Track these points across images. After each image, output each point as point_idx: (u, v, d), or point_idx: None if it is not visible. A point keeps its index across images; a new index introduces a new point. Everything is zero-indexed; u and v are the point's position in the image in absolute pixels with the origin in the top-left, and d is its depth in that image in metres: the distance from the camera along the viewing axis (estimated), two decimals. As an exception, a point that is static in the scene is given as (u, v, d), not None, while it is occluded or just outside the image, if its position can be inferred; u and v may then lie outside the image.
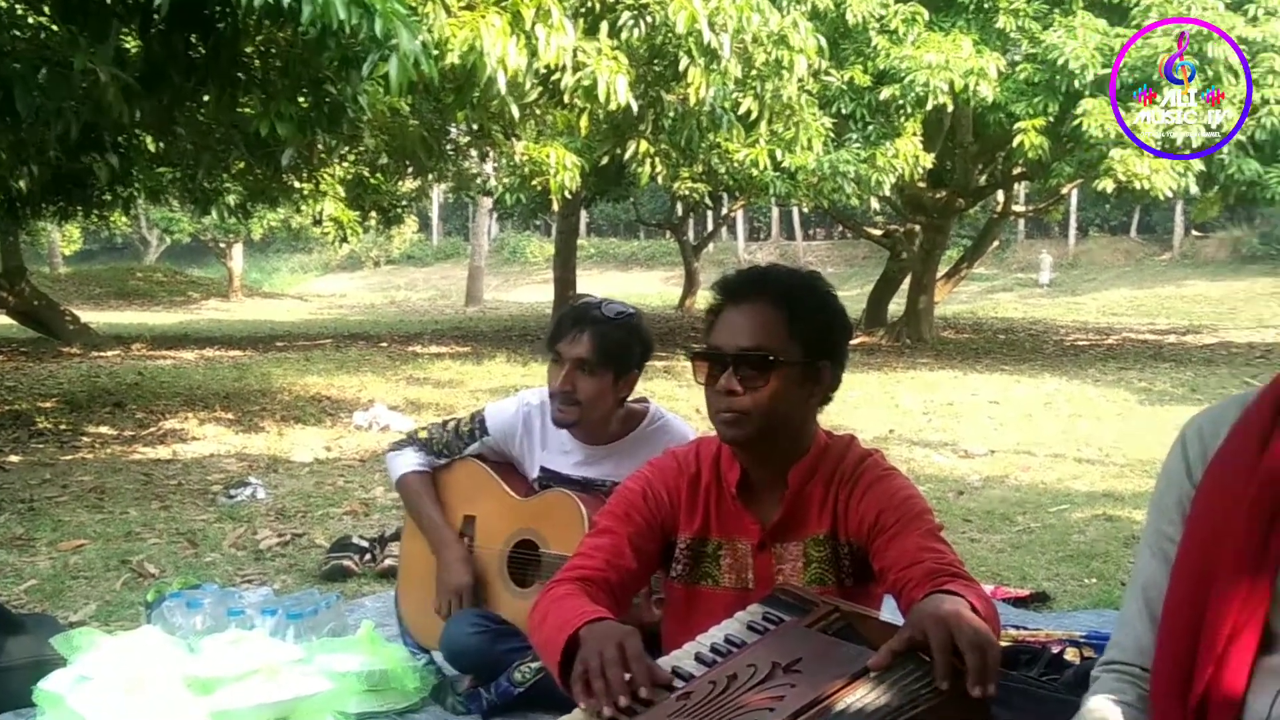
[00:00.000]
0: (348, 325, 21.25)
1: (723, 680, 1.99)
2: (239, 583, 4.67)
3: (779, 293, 2.38)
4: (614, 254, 39.51)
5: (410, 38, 5.83)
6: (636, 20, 8.73)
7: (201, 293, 31.01)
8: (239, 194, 14.73)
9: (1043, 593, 4.71)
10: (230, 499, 6.37)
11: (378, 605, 4.32)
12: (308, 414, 9.70)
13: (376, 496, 6.42)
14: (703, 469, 2.48)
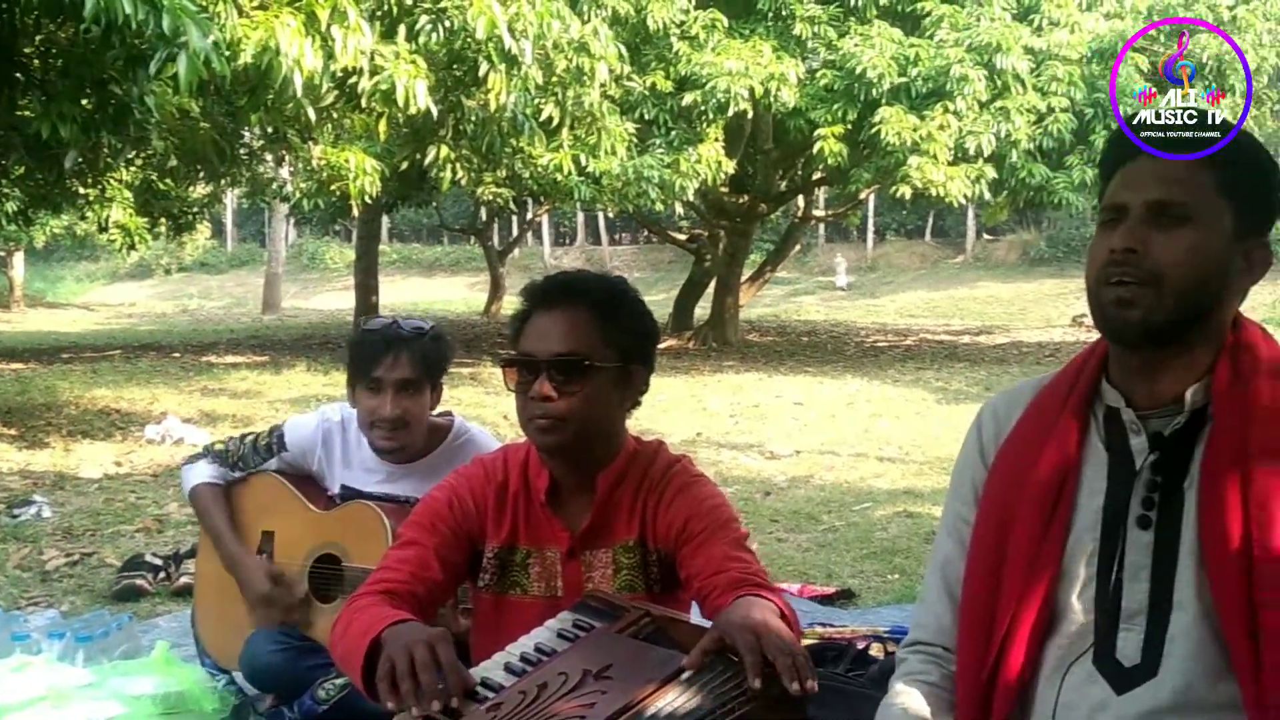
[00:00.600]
0: (138, 335, 20.64)
1: (533, 689, 1.98)
2: (24, 606, 4.53)
3: (591, 298, 2.37)
4: (417, 260, 39.23)
5: (200, 35, 5.70)
6: (435, 24, 8.68)
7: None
8: (19, 200, 14.19)
9: (848, 590, 4.83)
10: (13, 518, 6.15)
11: (173, 625, 4.22)
12: (96, 428, 9.40)
13: (171, 512, 6.25)
14: (511, 477, 2.46)
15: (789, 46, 14.53)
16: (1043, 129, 14.54)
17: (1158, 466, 1.67)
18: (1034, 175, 14.64)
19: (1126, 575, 1.66)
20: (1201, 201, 1.63)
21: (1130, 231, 1.64)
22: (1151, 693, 1.62)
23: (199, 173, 14.98)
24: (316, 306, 30.40)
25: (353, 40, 7.37)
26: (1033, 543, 1.70)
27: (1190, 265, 1.61)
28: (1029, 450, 1.75)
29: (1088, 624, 1.68)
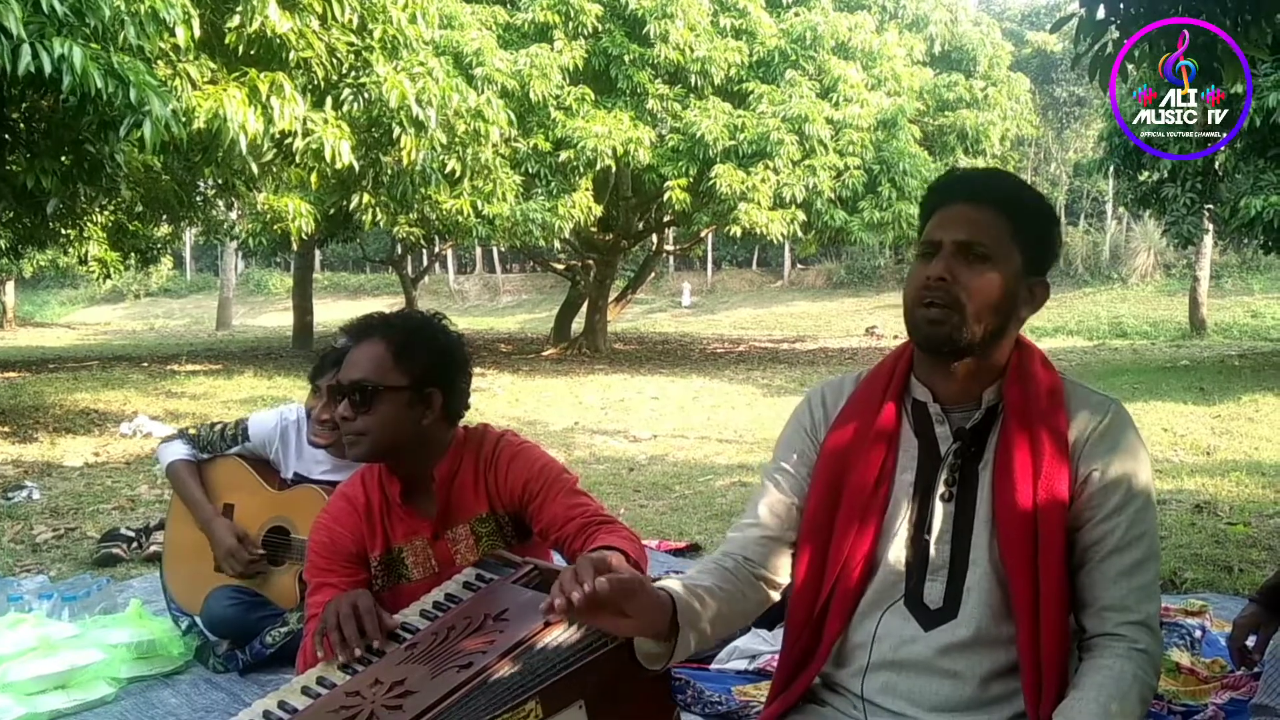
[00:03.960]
0: (112, 349, 19.99)
1: (443, 630, 1.97)
2: (18, 572, 4.36)
3: (386, 333, 2.32)
4: (345, 285, 38.56)
5: (162, 105, 5.58)
6: (356, 96, 8.59)
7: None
8: (9, 238, 13.70)
9: (696, 544, 4.87)
10: (8, 500, 5.92)
11: (144, 585, 4.10)
12: (77, 425, 9.09)
13: (141, 494, 6.07)
14: (371, 495, 2.40)
15: (643, 116, 14.63)
16: (841, 182, 14.86)
17: (958, 452, 1.71)
18: (835, 218, 14.95)
19: (932, 537, 1.70)
20: (998, 244, 1.66)
21: (943, 264, 1.66)
22: (952, 630, 1.67)
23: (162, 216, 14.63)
24: (261, 324, 29.74)
25: (288, 109, 7.25)
26: (860, 507, 1.74)
27: (988, 295, 1.65)
28: (857, 431, 1.78)
29: (901, 574, 1.71)
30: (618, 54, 14.76)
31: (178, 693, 3.08)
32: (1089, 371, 13.22)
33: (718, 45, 14.81)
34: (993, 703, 1.66)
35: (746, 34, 15.32)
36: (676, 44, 14.41)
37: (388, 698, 1.84)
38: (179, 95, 6.58)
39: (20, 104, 6.57)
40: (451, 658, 1.89)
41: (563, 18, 14.43)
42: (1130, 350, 17.29)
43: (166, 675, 3.18)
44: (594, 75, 14.79)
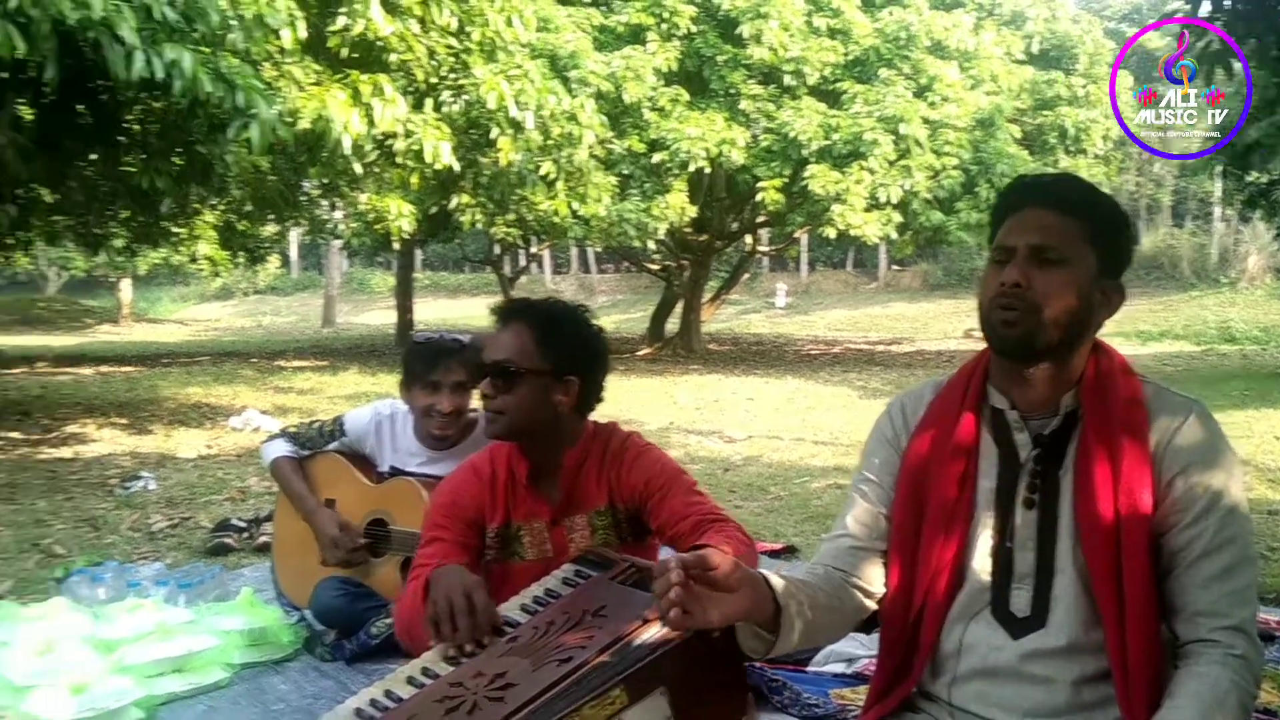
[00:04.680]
0: (222, 345, 20.52)
1: (543, 625, 2.00)
2: (136, 560, 4.49)
3: (533, 317, 2.39)
4: (444, 285, 39.00)
5: (268, 108, 5.71)
6: (456, 97, 8.72)
7: (96, 319, 29.54)
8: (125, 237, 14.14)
9: (792, 546, 4.84)
10: (126, 490, 6.12)
11: (255, 575, 4.20)
12: (190, 418, 9.35)
13: (251, 485, 6.22)
14: (498, 469, 2.46)
15: (737, 117, 14.57)
16: (937, 183, 14.62)
17: (1038, 458, 1.69)
18: (931, 219, 14.71)
19: (1016, 545, 1.69)
20: (1072, 248, 1.65)
21: (1017, 269, 1.65)
22: (1040, 638, 1.65)
23: (269, 215, 15.00)
24: (364, 322, 30.22)
25: (390, 110, 7.37)
26: (944, 517, 1.73)
27: (1063, 298, 1.64)
28: (937, 440, 1.77)
29: (986, 583, 1.70)
30: (711, 55, 14.73)
31: (287, 679, 3.16)
32: (1196, 377, 12.82)
33: (812, 45, 14.68)
34: (1087, 708, 1.64)
35: (841, 33, 15.15)
36: (770, 44, 14.32)
37: (489, 689, 1.87)
38: (284, 97, 6.74)
39: (136, 107, 6.77)
40: (551, 652, 1.91)
41: (656, 19, 14.45)
42: (1240, 356, 16.71)
43: (277, 662, 3.26)
44: (687, 77, 14.78)
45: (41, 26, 4.38)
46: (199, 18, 5.18)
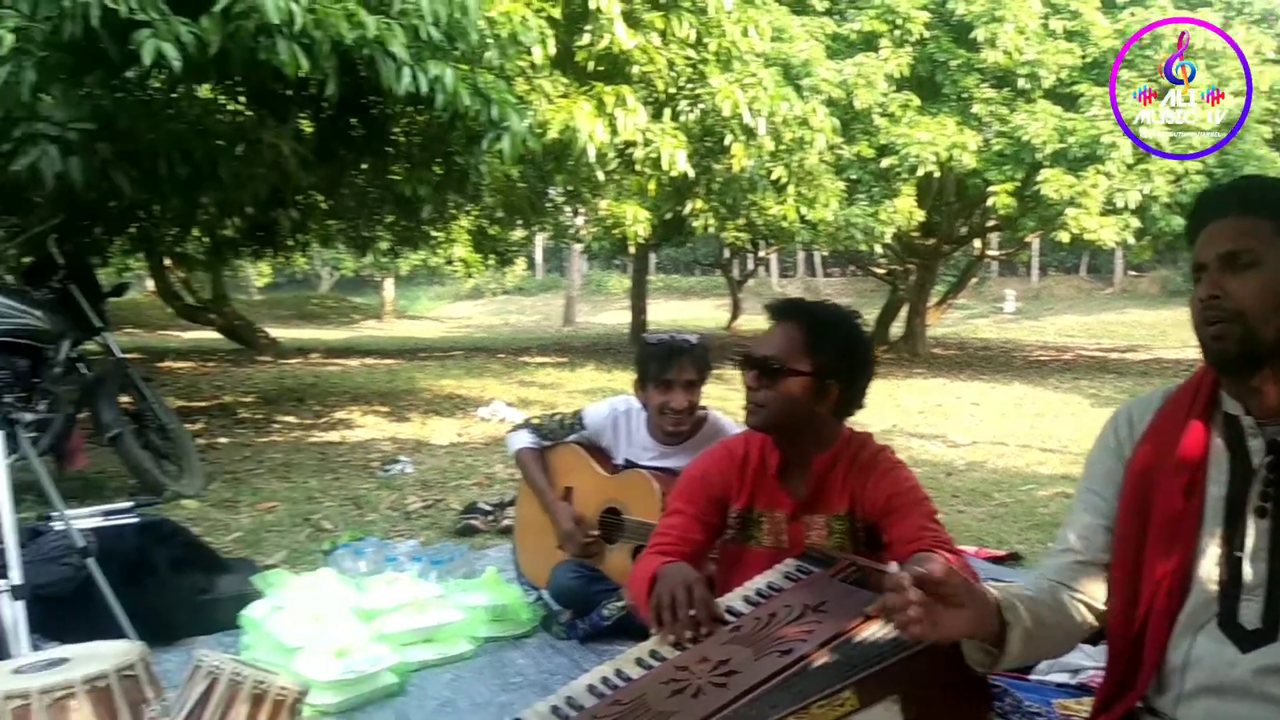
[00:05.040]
0: (473, 341, 21.36)
1: (765, 617, 2.01)
2: (393, 537, 4.71)
3: (804, 318, 2.38)
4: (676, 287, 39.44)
5: (519, 120, 5.88)
6: (692, 106, 8.79)
7: (362, 315, 31.27)
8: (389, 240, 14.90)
9: (1016, 553, 4.67)
10: (386, 472, 6.43)
11: (499, 555, 4.35)
12: (444, 408, 9.76)
13: (497, 472, 6.44)
14: (751, 454, 2.47)
15: (969, 121, 14.10)
16: (1179, 187, 13.72)
17: (1272, 465, 1.59)
18: (1172, 224, 13.82)
19: (1246, 555, 1.58)
20: (1265, 247, 1.55)
21: (1210, 282, 1.58)
22: (1273, 653, 1.54)
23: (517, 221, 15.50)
24: (601, 321, 30.87)
25: (631, 120, 7.48)
26: (1170, 525, 1.64)
27: (1263, 298, 1.54)
28: (1164, 449, 1.68)
29: (1214, 594, 1.60)
30: (944, 60, 14.30)
31: (526, 654, 3.26)
32: None
33: (1048, 48, 14.04)
34: None
35: (1079, 35, 14.44)
36: (1005, 48, 13.80)
37: (713, 675, 1.88)
38: (534, 110, 6.95)
39: (401, 121, 7.13)
40: (773, 643, 1.91)
41: (890, 26, 14.15)
42: None
43: (516, 638, 3.37)
44: (919, 82, 14.40)
45: (323, 47, 4.66)
46: (460, 37, 5.40)
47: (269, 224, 11.01)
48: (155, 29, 4.36)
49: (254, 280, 35.02)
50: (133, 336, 19.25)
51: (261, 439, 7.90)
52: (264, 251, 13.91)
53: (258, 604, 3.34)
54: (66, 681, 2.06)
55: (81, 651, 2.24)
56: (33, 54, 4.43)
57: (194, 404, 9.94)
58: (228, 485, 6.01)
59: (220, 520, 5.15)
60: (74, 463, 5.51)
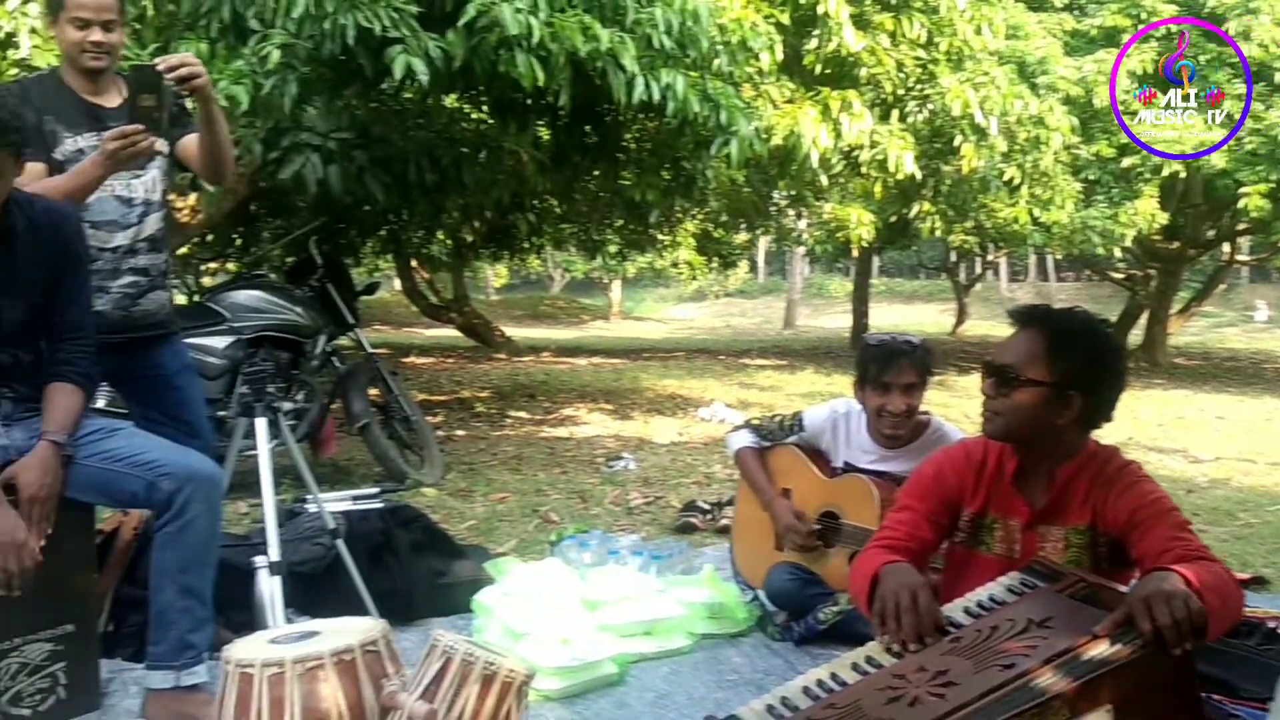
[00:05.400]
0: (694, 342, 21.52)
1: (986, 629, 1.96)
2: (616, 531, 4.78)
3: (1048, 326, 2.27)
4: (899, 291, 38.65)
5: (746, 125, 5.90)
6: (921, 107, 8.62)
7: (590, 315, 31.98)
8: (618, 243, 15.27)
9: (1261, 577, 4.34)
10: (610, 469, 6.54)
11: (716, 554, 4.35)
12: (665, 408, 9.86)
13: (716, 472, 6.46)
14: (988, 458, 2.39)
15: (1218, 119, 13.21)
16: None
17: None
18: None
19: None
20: None
21: None
22: None
23: (741, 224, 15.59)
24: (822, 325, 30.52)
25: (856, 124, 7.40)
26: None
27: None
28: None
29: None
30: (1192, 54, 13.43)
31: (741, 653, 3.27)
32: None
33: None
34: None
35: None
36: (1260, 40, 12.83)
37: (931, 685, 1.85)
38: (761, 115, 6.96)
39: (633, 127, 7.28)
40: (994, 656, 1.86)
41: (1133, 21, 13.39)
42: None
43: (732, 636, 3.38)
44: (1162, 79, 13.57)
45: (559, 59, 4.82)
46: (691, 44, 5.48)
47: (507, 227, 11.48)
48: (406, 45, 4.62)
49: (492, 281, 36.44)
50: (381, 333, 20.36)
51: (495, 432, 8.16)
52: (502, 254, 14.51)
53: (489, 589, 3.47)
54: (317, 653, 2.21)
55: (330, 626, 2.40)
56: (296, 69, 4.76)
57: (434, 398, 10.42)
58: (463, 475, 6.25)
59: (456, 508, 5.36)
60: (327, 450, 5.88)
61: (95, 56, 2.98)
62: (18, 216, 2.60)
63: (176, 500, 2.63)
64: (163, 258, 3.24)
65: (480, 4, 4.66)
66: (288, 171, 5.23)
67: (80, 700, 2.73)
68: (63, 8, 2.95)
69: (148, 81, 2.75)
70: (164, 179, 3.21)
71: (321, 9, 4.49)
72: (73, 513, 2.66)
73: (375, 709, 2.20)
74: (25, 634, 2.62)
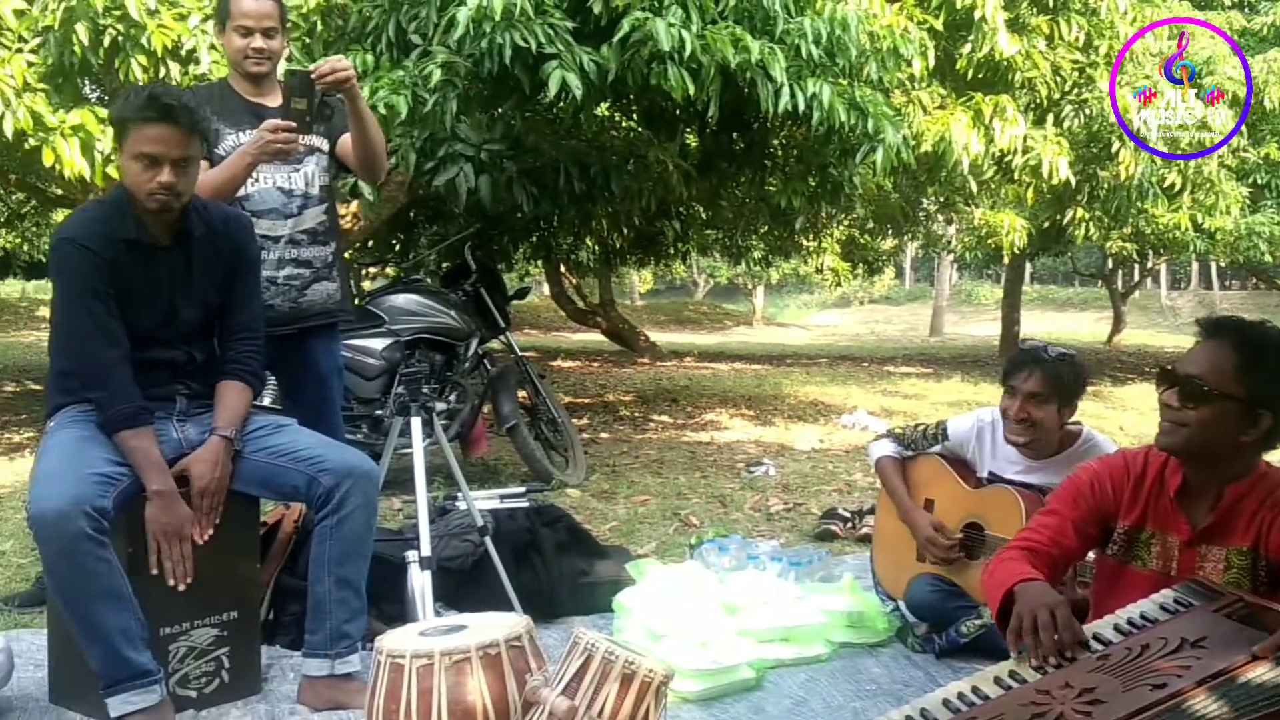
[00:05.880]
0: (838, 349, 21.27)
1: (1137, 648, 1.89)
2: (755, 536, 4.78)
3: (1239, 340, 2.16)
4: (1053, 298, 37.45)
5: (894, 132, 5.83)
6: (1077, 112, 8.37)
7: (733, 321, 31.96)
8: (762, 249, 15.22)
9: None
10: (750, 474, 6.53)
11: (856, 563, 4.31)
12: (807, 414, 9.78)
13: (857, 480, 6.39)
14: (1148, 471, 2.30)
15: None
16: None
17: None
18: None
19: None
20: None
21: None
22: None
23: (888, 230, 15.37)
24: (969, 333, 29.79)
25: (1009, 130, 7.22)
26: None
27: None
28: None
29: None
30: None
31: (880, 663, 3.23)
32: None
33: None
34: None
35: None
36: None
37: (1077, 702, 1.81)
38: (910, 122, 6.85)
39: (780, 134, 7.26)
40: (1144, 675, 1.81)
41: (1311, 19, 12.69)
42: None
43: (871, 646, 3.34)
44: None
45: (709, 71, 4.86)
46: (840, 52, 5.44)
47: (653, 234, 11.57)
48: (561, 61, 4.72)
49: (637, 287, 36.78)
50: (529, 336, 20.75)
51: (638, 436, 8.23)
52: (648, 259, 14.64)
53: (630, 590, 3.51)
54: (464, 646, 2.28)
55: (477, 620, 2.47)
56: (456, 86, 4.91)
57: (580, 400, 10.56)
58: (606, 477, 6.32)
59: (599, 509, 5.43)
60: (477, 450, 6.03)
61: (257, 62, 3.24)
62: (196, 222, 2.77)
63: (335, 495, 2.74)
64: (327, 251, 3.42)
65: (635, 20, 4.73)
66: (441, 179, 5.40)
67: (242, 684, 2.88)
68: (229, 17, 3.22)
69: (301, 86, 3.00)
70: (322, 175, 3.40)
71: (480, 29, 4.61)
72: (239, 505, 2.81)
73: (518, 703, 2.25)
74: (194, 619, 2.77)
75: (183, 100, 2.67)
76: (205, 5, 4.82)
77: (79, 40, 4.65)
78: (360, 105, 3.17)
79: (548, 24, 4.70)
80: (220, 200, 3.00)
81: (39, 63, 4.78)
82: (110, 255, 2.64)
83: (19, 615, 3.62)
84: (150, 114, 2.59)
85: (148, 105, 2.60)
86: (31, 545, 3.80)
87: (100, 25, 4.64)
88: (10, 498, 5.43)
